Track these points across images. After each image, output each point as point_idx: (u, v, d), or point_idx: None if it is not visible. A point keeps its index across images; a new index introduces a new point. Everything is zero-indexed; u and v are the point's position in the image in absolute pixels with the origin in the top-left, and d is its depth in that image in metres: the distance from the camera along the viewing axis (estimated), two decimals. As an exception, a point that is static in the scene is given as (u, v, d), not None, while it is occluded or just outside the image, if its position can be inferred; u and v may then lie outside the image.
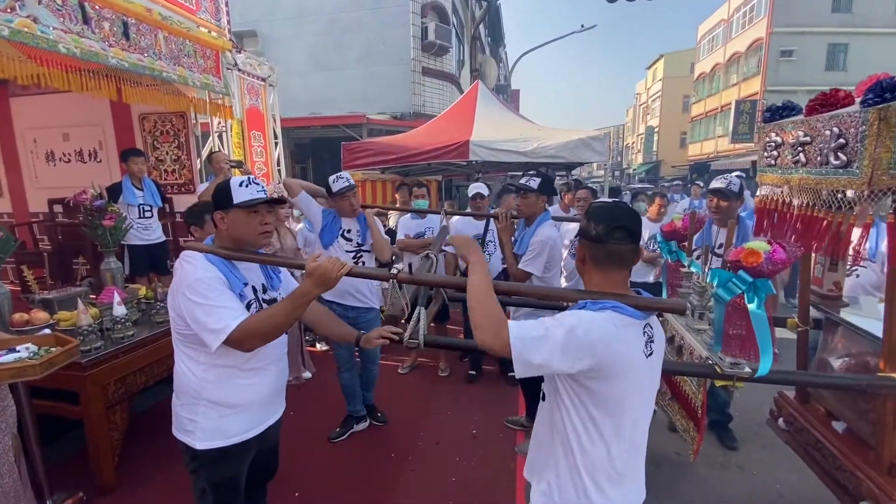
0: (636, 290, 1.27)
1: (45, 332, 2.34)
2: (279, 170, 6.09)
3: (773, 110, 1.81)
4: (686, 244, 2.39)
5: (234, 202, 1.51)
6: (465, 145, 5.81)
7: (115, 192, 3.89)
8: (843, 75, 20.55)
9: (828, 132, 1.44)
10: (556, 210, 4.96)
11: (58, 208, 4.89)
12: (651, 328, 1.25)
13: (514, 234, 2.78)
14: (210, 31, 4.39)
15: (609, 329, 1.13)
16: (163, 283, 3.21)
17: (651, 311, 1.22)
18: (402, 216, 4.35)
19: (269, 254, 1.71)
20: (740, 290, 1.55)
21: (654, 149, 36.35)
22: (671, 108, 34.37)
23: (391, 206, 5.28)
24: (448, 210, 3.45)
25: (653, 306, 1.22)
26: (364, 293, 3.06)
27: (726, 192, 2.77)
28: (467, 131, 6.16)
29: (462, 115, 6.96)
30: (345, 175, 2.93)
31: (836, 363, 1.97)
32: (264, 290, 1.64)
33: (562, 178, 9.05)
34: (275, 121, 5.95)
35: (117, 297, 2.57)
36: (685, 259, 2.34)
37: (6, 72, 2.77)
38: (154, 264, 4.23)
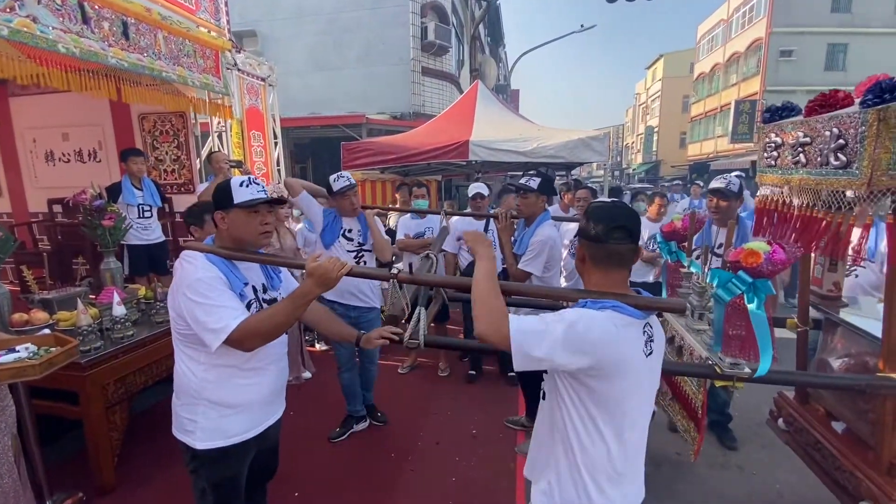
0: (636, 289, 1.27)
1: (45, 332, 2.34)
2: (279, 170, 6.09)
3: (772, 111, 1.81)
4: (686, 244, 2.39)
5: (235, 202, 1.51)
6: (465, 145, 5.81)
7: (114, 192, 3.88)
8: (842, 75, 20.56)
9: (827, 133, 1.44)
10: (555, 210, 4.96)
11: (57, 208, 4.88)
12: (651, 327, 1.25)
13: (513, 234, 2.78)
14: (210, 31, 4.39)
15: (609, 328, 1.14)
16: (162, 283, 3.21)
17: (651, 310, 1.23)
18: (402, 216, 4.36)
19: (269, 254, 1.71)
20: (740, 291, 1.55)
21: (654, 149, 36.37)
22: (671, 108, 34.40)
23: (391, 207, 5.28)
24: (448, 210, 3.44)
25: (653, 306, 1.22)
26: (366, 293, 3.07)
27: (726, 192, 2.77)
28: (467, 131, 6.16)
29: (462, 115, 6.96)
30: (345, 174, 2.94)
31: (835, 363, 1.97)
32: (264, 289, 1.64)
33: (561, 178, 9.05)
34: (274, 121, 5.95)
35: (117, 298, 2.57)
36: (685, 259, 2.34)
37: (5, 71, 2.76)
38: (153, 264, 4.23)
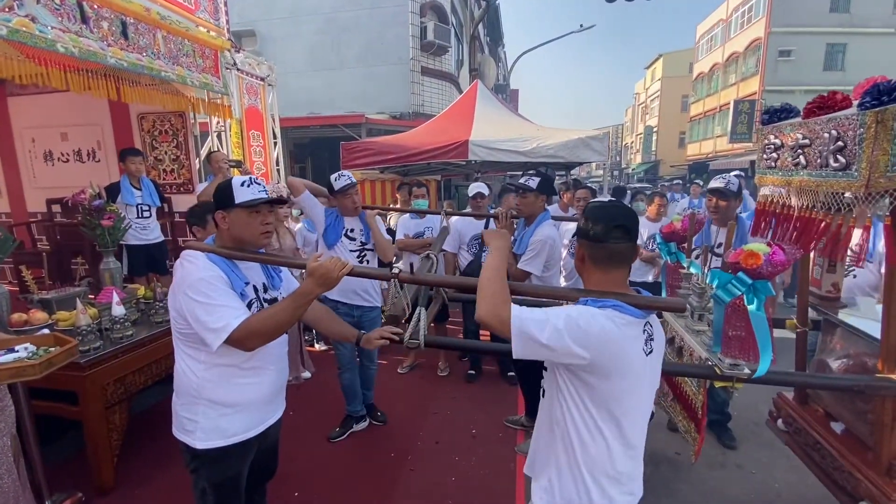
0: (636, 288, 1.28)
1: (44, 332, 2.34)
2: (278, 169, 6.09)
3: (770, 113, 1.81)
4: (685, 245, 2.39)
5: (236, 202, 1.52)
6: (465, 145, 5.81)
7: (113, 192, 3.87)
8: (841, 75, 20.59)
9: (826, 135, 1.44)
10: (554, 210, 4.96)
11: (56, 208, 4.87)
12: (651, 326, 1.26)
13: (513, 234, 2.78)
14: (209, 31, 4.38)
15: (609, 326, 1.14)
16: (162, 283, 3.21)
17: (651, 310, 1.23)
18: (402, 216, 4.36)
19: (270, 253, 1.71)
20: (740, 292, 1.55)
21: (653, 148, 36.38)
22: (670, 108, 34.41)
23: (391, 207, 5.27)
24: (448, 210, 3.44)
25: (653, 305, 1.23)
26: (369, 292, 3.08)
27: (725, 192, 2.78)
28: (466, 131, 6.15)
29: (461, 115, 6.95)
30: (346, 173, 2.94)
31: (834, 364, 1.98)
32: (265, 289, 1.65)
33: (561, 177, 9.04)
34: (274, 120, 5.94)
35: (116, 297, 2.56)
36: (684, 260, 2.34)
37: (4, 71, 2.75)
38: (153, 264, 4.22)
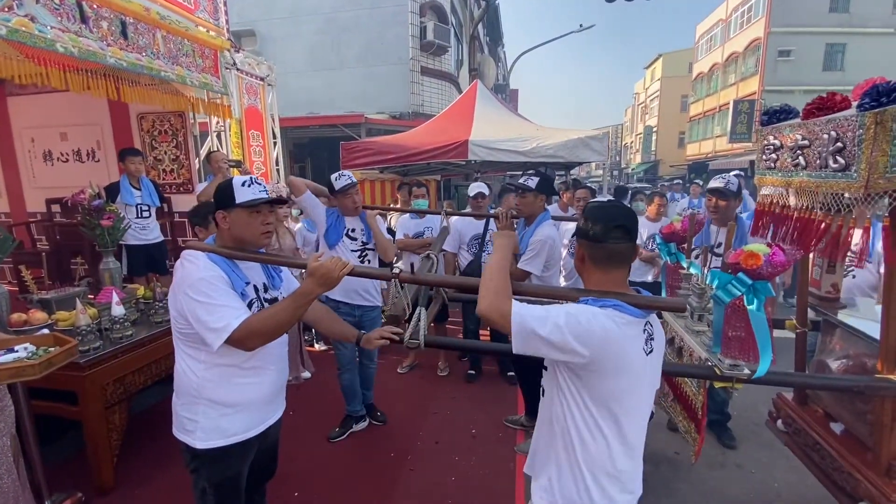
0: (636, 288, 1.28)
1: (44, 332, 2.34)
2: (278, 169, 6.08)
3: (770, 113, 1.81)
4: (685, 246, 2.39)
5: (237, 202, 1.52)
6: (464, 145, 5.80)
7: (112, 191, 3.87)
8: (840, 75, 20.60)
9: (825, 136, 1.45)
10: (554, 209, 4.96)
11: (56, 208, 4.87)
12: (651, 326, 1.26)
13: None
14: (208, 31, 4.38)
15: (610, 325, 1.14)
16: (162, 283, 3.20)
17: (651, 309, 1.23)
18: (402, 216, 4.36)
19: (270, 253, 1.71)
20: (739, 293, 1.55)
21: (653, 148, 36.39)
22: (669, 108, 34.42)
23: (391, 207, 5.28)
24: (448, 210, 3.44)
25: (653, 305, 1.23)
26: (371, 292, 3.09)
27: (724, 192, 2.77)
28: (466, 131, 6.15)
29: (461, 115, 6.94)
30: (346, 173, 2.94)
31: (833, 365, 1.98)
32: (265, 289, 1.65)
33: (561, 177, 9.03)
34: (273, 120, 5.94)
35: (116, 297, 2.56)
36: (684, 261, 2.34)
37: (4, 71, 2.75)
38: (152, 264, 4.21)
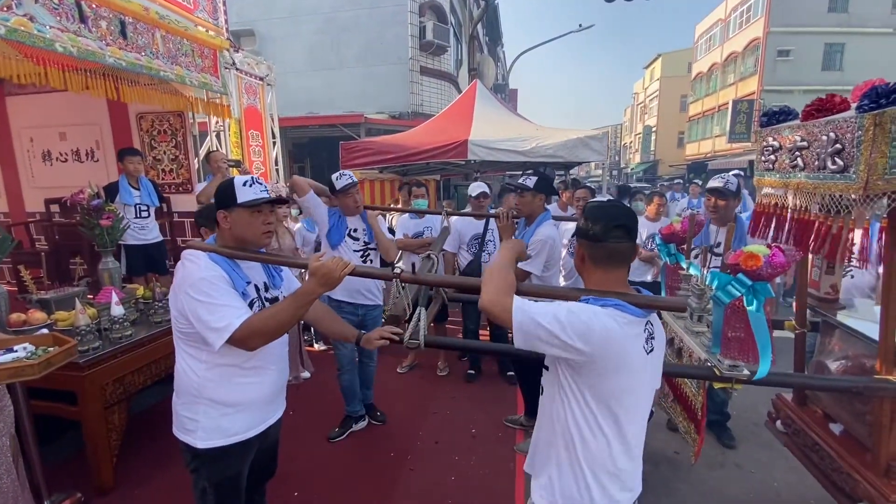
0: (636, 287, 1.28)
1: (43, 331, 2.34)
2: (277, 169, 6.08)
3: (769, 115, 1.81)
4: (685, 246, 2.39)
5: (238, 201, 1.52)
6: (464, 144, 5.80)
7: (111, 191, 3.86)
8: (839, 75, 20.62)
9: (824, 137, 1.45)
10: (553, 209, 4.96)
11: (55, 208, 4.86)
12: (651, 325, 1.26)
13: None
14: (208, 31, 4.37)
15: (611, 324, 1.15)
16: (161, 283, 3.20)
17: (652, 309, 1.24)
18: (402, 216, 4.36)
19: (271, 253, 1.71)
20: (739, 294, 1.55)
21: (652, 148, 36.41)
22: (669, 108, 34.44)
23: (391, 207, 5.28)
24: (448, 210, 3.44)
25: (654, 304, 1.23)
26: (373, 291, 3.10)
27: (724, 191, 2.78)
28: (465, 131, 6.15)
29: (460, 115, 6.94)
30: (347, 173, 2.95)
31: (832, 365, 1.98)
32: (266, 288, 1.65)
33: (560, 177, 9.04)
34: (273, 120, 5.94)
35: (115, 297, 2.56)
36: (684, 261, 2.34)
37: (3, 71, 2.75)
38: (151, 264, 4.21)
